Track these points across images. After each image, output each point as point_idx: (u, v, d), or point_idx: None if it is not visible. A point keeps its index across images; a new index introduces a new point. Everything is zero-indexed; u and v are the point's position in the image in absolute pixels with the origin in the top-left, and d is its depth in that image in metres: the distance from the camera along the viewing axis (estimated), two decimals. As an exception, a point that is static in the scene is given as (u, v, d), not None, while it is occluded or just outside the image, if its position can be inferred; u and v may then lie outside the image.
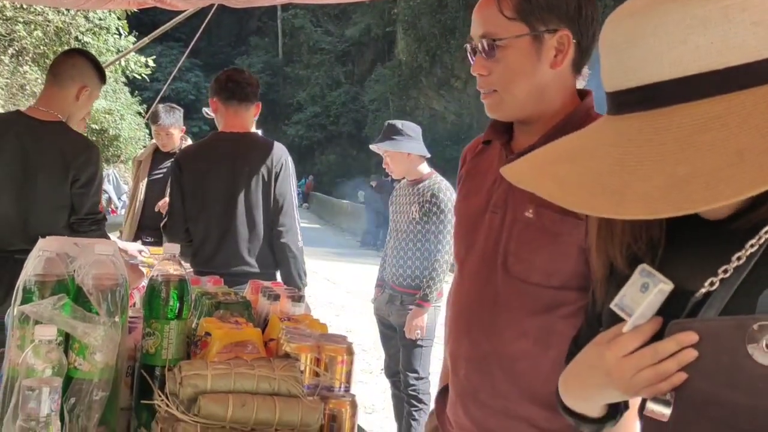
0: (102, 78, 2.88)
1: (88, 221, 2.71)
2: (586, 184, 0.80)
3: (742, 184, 0.71)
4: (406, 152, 3.74)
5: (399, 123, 3.85)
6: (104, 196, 11.15)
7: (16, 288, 1.25)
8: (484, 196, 1.47)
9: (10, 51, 12.09)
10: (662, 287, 0.87)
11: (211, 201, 2.98)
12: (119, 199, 11.86)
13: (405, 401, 3.84)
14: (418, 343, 3.72)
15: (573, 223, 1.30)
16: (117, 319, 1.25)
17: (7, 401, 1.14)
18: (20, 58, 12.31)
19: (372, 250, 16.12)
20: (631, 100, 0.82)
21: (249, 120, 3.12)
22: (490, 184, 1.47)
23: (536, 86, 1.37)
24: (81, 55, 2.90)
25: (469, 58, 1.41)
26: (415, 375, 3.78)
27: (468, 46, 1.41)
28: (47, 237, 1.31)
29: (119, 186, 12.36)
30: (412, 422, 3.80)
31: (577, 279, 1.32)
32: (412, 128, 3.82)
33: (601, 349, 0.91)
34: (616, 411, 1.02)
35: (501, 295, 1.39)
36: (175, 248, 1.43)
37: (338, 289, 10.33)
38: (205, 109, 4.72)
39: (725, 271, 0.85)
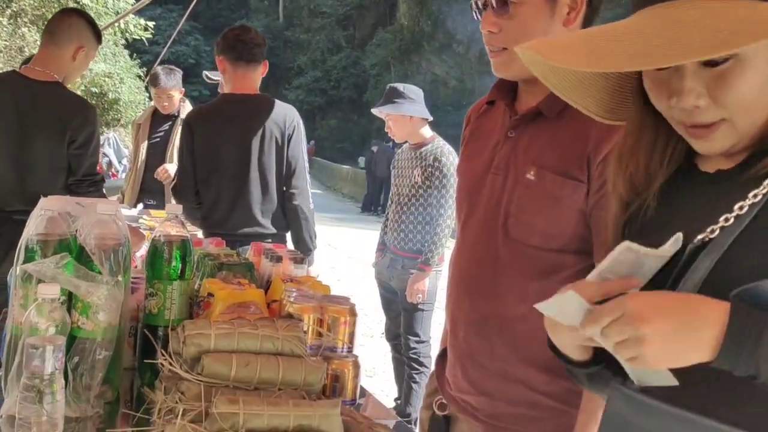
0: (98, 39, 2.84)
1: (86, 182, 2.70)
2: (575, 47, 0.87)
3: (699, 47, 0.75)
4: (408, 115, 3.71)
5: (401, 86, 3.81)
6: (105, 160, 11.15)
7: (18, 247, 1.24)
8: (486, 157, 1.45)
9: (8, 12, 11.94)
10: (628, 245, 0.86)
11: (223, 163, 2.96)
12: (120, 162, 11.85)
13: (406, 364, 3.87)
14: (419, 307, 3.74)
15: (573, 186, 1.30)
16: (120, 278, 1.25)
17: (11, 359, 1.15)
18: (18, 19, 12.16)
19: (372, 215, 16.14)
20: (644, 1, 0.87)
21: (257, 81, 3.08)
22: (493, 145, 1.45)
23: None
24: (78, 14, 2.85)
25: (475, 16, 1.38)
26: (416, 338, 3.80)
27: (473, 2, 1.37)
28: (48, 196, 1.30)
29: (120, 150, 12.33)
30: (413, 385, 3.83)
31: (576, 242, 1.32)
32: (414, 91, 3.78)
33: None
34: (601, 359, 0.99)
35: (501, 258, 1.38)
36: (177, 209, 1.42)
37: (339, 254, 10.35)
38: (205, 73, 4.66)
39: (726, 220, 0.85)
